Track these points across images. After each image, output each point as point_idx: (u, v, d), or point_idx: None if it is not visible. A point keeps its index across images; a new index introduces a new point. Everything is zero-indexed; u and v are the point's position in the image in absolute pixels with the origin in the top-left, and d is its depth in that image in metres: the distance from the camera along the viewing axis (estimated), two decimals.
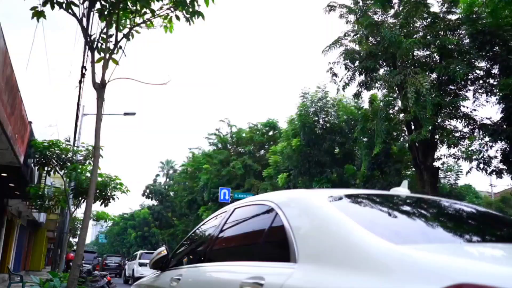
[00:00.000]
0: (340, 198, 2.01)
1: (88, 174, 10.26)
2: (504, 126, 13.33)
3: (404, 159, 18.97)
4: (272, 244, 2.08)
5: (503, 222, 2.11)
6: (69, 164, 10.44)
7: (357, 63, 15.73)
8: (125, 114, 18.61)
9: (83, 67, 10.77)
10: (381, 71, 15.83)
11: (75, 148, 11.77)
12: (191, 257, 3.10)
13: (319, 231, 1.80)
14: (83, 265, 13.08)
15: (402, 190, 2.39)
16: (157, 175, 56.23)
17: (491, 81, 14.99)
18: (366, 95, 22.65)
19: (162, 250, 3.48)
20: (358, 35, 16.02)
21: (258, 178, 26.03)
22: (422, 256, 1.35)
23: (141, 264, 20.95)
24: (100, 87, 5.70)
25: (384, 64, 15.76)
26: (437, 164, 16.68)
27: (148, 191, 51.83)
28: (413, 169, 17.46)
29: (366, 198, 2.11)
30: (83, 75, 11.01)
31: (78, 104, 12.97)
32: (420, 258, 1.33)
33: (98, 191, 10.67)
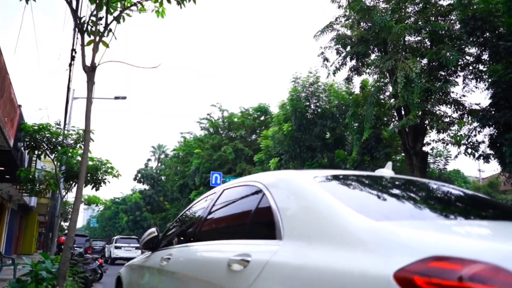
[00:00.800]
0: (325, 178, 2.08)
1: (79, 158, 10.23)
2: (492, 112, 13.49)
3: (394, 144, 19.15)
4: (259, 223, 2.14)
5: (479, 201, 2.20)
6: (59, 147, 10.39)
7: (348, 48, 15.74)
8: (116, 98, 18.49)
9: (73, 50, 10.66)
10: (372, 56, 15.86)
11: (65, 131, 11.71)
12: (181, 237, 3.17)
13: (304, 210, 1.86)
14: (75, 248, 13.15)
15: (386, 171, 2.47)
16: (149, 160, 56.21)
17: (481, 67, 15.12)
18: (357, 80, 22.72)
19: (153, 231, 3.55)
20: (350, 20, 16.00)
21: (249, 163, 26.13)
22: (401, 231, 1.42)
23: (116, 247, 25.83)
24: (90, 70, 5.67)
25: (376, 49, 15.79)
26: (426, 149, 16.89)
27: (139, 175, 51.77)
28: (403, 154, 17.66)
29: (350, 179, 2.18)
30: (73, 58, 10.91)
31: (68, 88, 12.86)
32: (398, 233, 1.40)
33: (89, 175, 10.68)
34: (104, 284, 12.90)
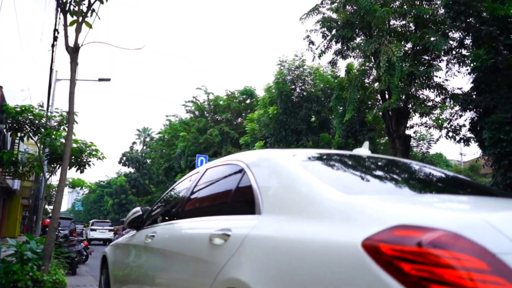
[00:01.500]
0: (303, 156, 2.16)
1: (63, 140, 10.16)
2: (474, 96, 13.74)
3: (378, 127, 19.39)
4: (240, 199, 2.22)
5: (446, 177, 2.32)
6: (43, 130, 10.30)
7: (333, 31, 15.76)
8: (100, 80, 18.27)
9: (56, 30, 10.49)
10: (357, 40, 15.93)
11: (49, 113, 11.57)
12: (165, 216, 3.24)
13: (281, 186, 1.95)
14: (59, 231, 13.13)
15: (363, 150, 2.57)
16: (134, 143, 55.85)
17: (464, 52, 15.33)
18: (342, 64, 22.82)
19: (137, 211, 3.61)
20: (336, 3, 15.99)
21: (235, 146, 26.19)
22: (370, 204, 1.51)
23: (92, 230, 30.21)
24: (73, 51, 5.63)
25: (361, 33, 15.84)
26: (409, 132, 17.17)
27: (124, 158, 51.49)
28: (387, 137, 17.90)
29: (327, 157, 2.27)
30: (55, 39, 10.73)
31: (51, 69, 12.67)
32: (367, 206, 1.49)
33: (73, 157, 10.62)
34: (90, 266, 12.98)
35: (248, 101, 29.17)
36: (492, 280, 1.09)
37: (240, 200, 2.22)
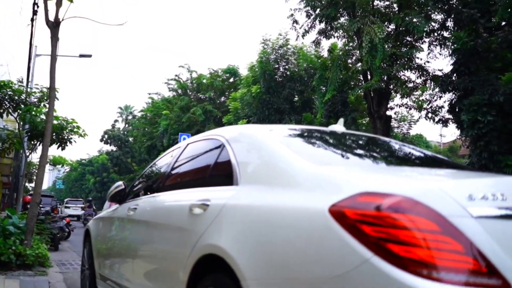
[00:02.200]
0: (280, 131, 2.27)
1: (44, 117, 10.05)
2: (453, 78, 14.00)
3: (360, 108, 19.60)
4: (219, 172, 2.32)
5: (411, 151, 2.47)
6: (22, 106, 10.16)
7: (318, 10, 15.74)
8: (81, 56, 17.94)
9: (35, 4, 10.24)
10: (341, 20, 15.95)
11: (28, 89, 11.38)
12: (147, 189, 3.32)
13: (258, 158, 2.06)
14: (40, 208, 13.09)
15: (338, 127, 2.70)
16: (116, 121, 55.18)
17: (445, 34, 15.52)
18: (326, 43, 22.83)
19: (120, 185, 3.69)
20: None
21: (218, 125, 26.15)
22: (337, 174, 1.64)
23: (66, 207, 32.77)
24: (54, 26, 5.57)
25: (344, 12, 15.86)
26: (390, 113, 17.44)
27: (106, 136, 50.91)
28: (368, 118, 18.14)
29: (302, 132, 2.38)
30: (35, 13, 10.49)
31: (31, 44, 12.40)
32: (335, 175, 1.61)
33: (54, 134, 10.52)
34: (72, 242, 13.02)
35: (231, 80, 29.05)
36: (441, 239, 1.22)
37: (220, 173, 2.32)
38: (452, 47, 13.99)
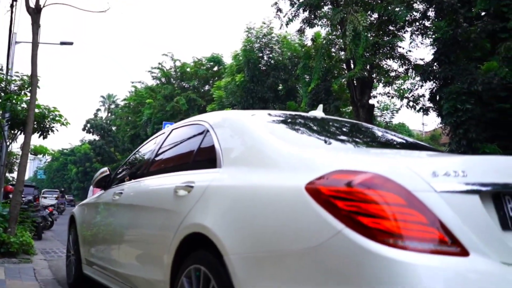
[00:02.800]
0: (261, 116, 2.35)
1: (25, 105, 9.92)
2: (434, 67, 14.25)
3: (343, 97, 19.77)
4: (203, 156, 2.40)
5: (384, 135, 2.60)
6: (2, 94, 10.00)
7: None
8: (62, 43, 17.65)
9: None
10: (325, 9, 16.02)
11: (8, 77, 11.19)
12: (133, 174, 3.37)
13: (240, 142, 2.15)
14: (23, 198, 12.97)
15: (317, 112, 2.81)
16: (98, 110, 54.54)
17: (427, 23, 15.73)
18: (310, 32, 22.89)
19: (105, 170, 3.74)
20: None
21: (202, 113, 26.09)
22: (314, 155, 1.74)
23: (43, 197, 31.31)
24: (35, 12, 5.52)
25: (328, 1, 15.93)
26: (373, 102, 17.67)
27: (88, 125, 50.28)
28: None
29: (283, 116, 2.47)
30: None
31: (10, 31, 12.16)
32: (312, 157, 1.72)
33: (36, 122, 10.38)
34: (55, 232, 12.96)
35: (215, 69, 28.93)
36: (407, 212, 1.33)
37: (204, 156, 2.40)
38: (433, 36, 14.23)
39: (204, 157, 2.37)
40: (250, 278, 1.62)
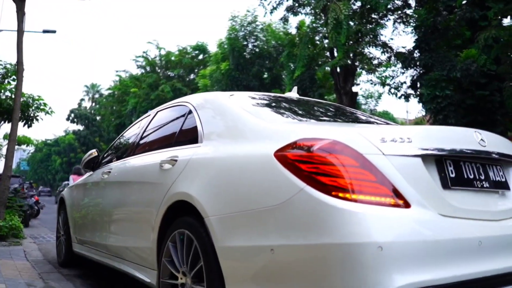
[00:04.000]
0: (239, 96, 2.56)
1: (9, 93, 9.93)
2: (415, 55, 14.57)
3: (327, 84, 20.05)
4: (186, 134, 2.60)
5: (348, 112, 2.86)
6: None
7: None
8: (45, 31, 17.51)
9: None
10: None
11: None
12: (120, 154, 3.55)
13: (219, 119, 2.36)
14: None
15: (292, 94, 3.04)
16: (82, 99, 54.02)
17: (408, 11, 16.02)
18: (294, 20, 23.05)
19: (93, 152, 3.91)
20: None
21: None
22: (283, 127, 1.97)
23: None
24: (19, 0, 5.59)
25: None
26: (356, 89, 17.97)
27: (73, 115, 49.82)
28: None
29: (259, 97, 2.68)
30: None
31: None
32: (281, 129, 1.95)
33: (20, 111, 10.42)
34: (42, 220, 13.04)
35: (200, 57, 28.91)
36: (359, 172, 1.56)
37: (187, 134, 2.60)
38: (414, 24, 14.53)
39: (187, 135, 2.57)
40: (226, 235, 1.84)
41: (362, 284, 1.42)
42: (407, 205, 1.56)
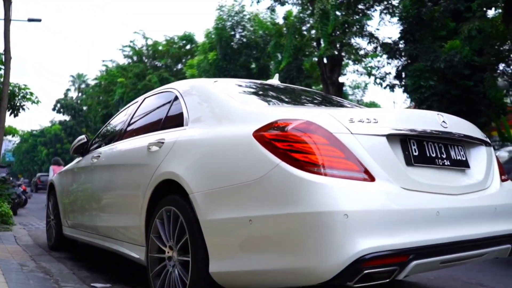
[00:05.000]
0: (222, 82, 2.70)
1: None
2: (400, 45, 14.79)
3: (314, 75, 20.21)
4: (173, 118, 2.74)
5: (326, 97, 3.03)
6: None
7: None
8: (30, 20, 17.33)
9: None
10: None
11: None
12: (109, 140, 3.68)
13: (203, 103, 2.51)
14: None
15: (274, 81, 3.20)
16: (68, 90, 53.42)
17: (394, 2, 16.21)
18: (282, 10, 23.10)
19: (82, 138, 4.02)
20: None
21: None
22: (262, 110, 2.13)
23: None
24: None
25: None
26: (342, 79, 18.17)
27: (59, 105, 49.33)
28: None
29: (241, 83, 2.82)
30: None
31: None
32: (260, 112, 2.11)
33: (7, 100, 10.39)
34: (30, 209, 13.07)
35: (188, 47, 28.83)
36: (328, 149, 1.72)
37: (173, 118, 2.73)
38: (399, 15, 14.72)
39: (174, 119, 2.70)
40: (210, 209, 1.99)
41: (331, 248, 1.59)
42: (372, 179, 1.73)
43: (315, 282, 1.65)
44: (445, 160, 2.04)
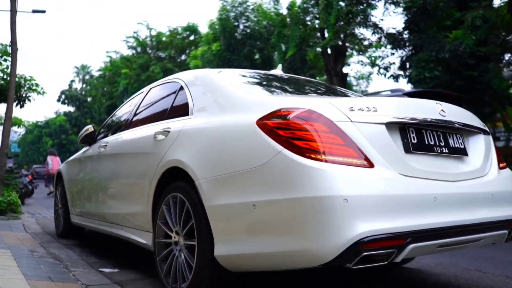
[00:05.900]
0: (226, 73, 2.76)
1: (1, 74, 9.99)
2: (404, 35, 14.73)
3: (318, 65, 20.18)
4: (178, 108, 2.80)
5: (326, 87, 3.09)
6: None
7: None
8: (34, 11, 17.37)
9: None
10: None
11: None
12: (116, 129, 3.75)
13: (208, 93, 2.57)
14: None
15: (277, 71, 3.26)
16: (72, 81, 53.52)
17: None
18: (286, 0, 22.99)
19: (89, 128, 4.11)
20: None
21: None
22: (266, 99, 2.19)
23: None
24: None
25: None
26: (346, 70, 18.14)
27: (63, 96, 49.48)
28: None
29: (245, 73, 2.88)
30: None
31: None
32: (262, 100, 2.17)
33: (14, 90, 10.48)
34: (36, 199, 13.23)
35: (191, 38, 28.80)
36: (329, 136, 1.79)
37: (178, 108, 2.80)
38: (404, 5, 14.64)
39: (179, 109, 2.77)
40: (214, 195, 2.06)
41: (331, 231, 1.66)
42: (371, 165, 1.79)
43: (316, 263, 1.72)
44: (443, 148, 2.10)
